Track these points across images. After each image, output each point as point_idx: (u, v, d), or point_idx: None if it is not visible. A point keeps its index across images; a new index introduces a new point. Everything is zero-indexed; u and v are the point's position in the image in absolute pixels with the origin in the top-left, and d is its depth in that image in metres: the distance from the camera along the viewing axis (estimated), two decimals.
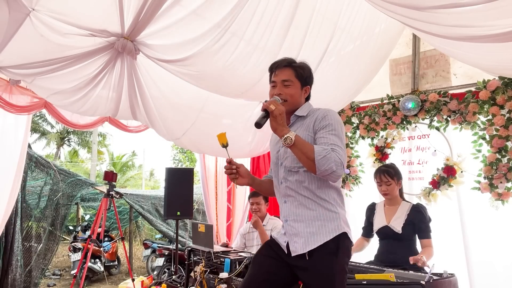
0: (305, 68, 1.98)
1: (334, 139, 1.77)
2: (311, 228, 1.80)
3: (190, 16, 2.62)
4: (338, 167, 1.69)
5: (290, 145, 1.72)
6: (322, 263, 1.75)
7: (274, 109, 1.73)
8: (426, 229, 2.83)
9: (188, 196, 4.61)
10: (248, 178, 1.98)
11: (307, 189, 1.84)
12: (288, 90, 1.91)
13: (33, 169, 5.72)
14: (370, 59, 3.68)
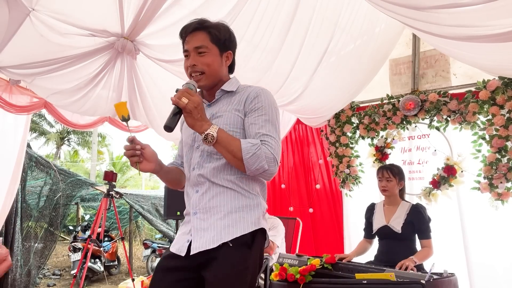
0: (222, 29, 1.60)
1: (267, 127, 1.51)
2: (226, 220, 1.50)
3: (190, 16, 2.61)
4: (271, 164, 1.45)
5: (212, 143, 1.44)
6: (233, 255, 1.47)
7: (186, 103, 1.41)
8: (426, 230, 2.83)
9: None
10: (155, 163, 1.58)
11: (226, 179, 1.54)
12: (204, 59, 1.57)
13: (33, 169, 5.73)
14: (370, 59, 3.69)
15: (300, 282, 2.41)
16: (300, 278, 2.42)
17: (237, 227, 1.50)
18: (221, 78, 1.64)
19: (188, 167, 1.64)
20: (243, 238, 1.49)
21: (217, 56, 1.60)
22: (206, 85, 1.62)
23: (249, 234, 1.51)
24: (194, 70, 1.60)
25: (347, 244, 4.17)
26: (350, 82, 3.81)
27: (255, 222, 1.53)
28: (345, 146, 4.26)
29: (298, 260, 2.77)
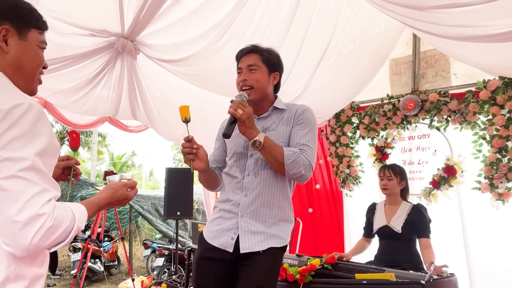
0: (272, 53, 1.87)
1: (306, 138, 1.75)
2: (271, 229, 1.76)
3: (190, 16, 2.62)
4: (307, 169, 1.70)
5: (259, 149, 1.69)
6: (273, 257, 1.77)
7: (241, 114, 1.64)
8: (426, 229, 2.82)
9: (188, 196, 4.61)
10: (206, 163, 1.78)
11: (275, 188, 1.78)
12: (254, 75, 1.80)
13: None
14: (370, 59, 3.69)
15: (300, 282, 2.41)
16: (300, 278, 2.42)
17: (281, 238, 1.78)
18: (267, 95, 1.86)
19: (241, 171, 1.83)
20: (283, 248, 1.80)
21: (265, 74, 1.83)
22: (254, 99, 1.82)
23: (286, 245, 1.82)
24: (245, 84, 1.82)
25: (347, 244, 4.17)
26: (350, 82, 3.81)
27: (289, 235, 1.83)
28: (345, 146, 4.26)
29: (298, 260, 2.77)
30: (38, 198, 0.95)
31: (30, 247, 0.95)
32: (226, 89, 3.41)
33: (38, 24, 1.18)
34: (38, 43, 1.18)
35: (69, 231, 1.02)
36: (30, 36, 1.16)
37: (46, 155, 1.00)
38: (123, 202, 1.31)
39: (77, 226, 1.05)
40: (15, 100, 0.98)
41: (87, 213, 1.13)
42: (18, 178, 0.94)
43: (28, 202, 0.94)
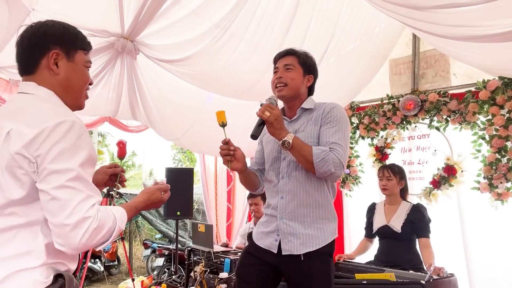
0: (309, 57, 1.94)
1: (336, 136, 1.75)
2: (310, 230, 1.77)
3: (190, 16, 2.62)
4: (337, 168, 1.69)
5: (288, 148, 1.72)
6: (320, 263, 1.75)
7: (269, 115, 1.71)
8: (425, 228, 2.82)
9: (188, 196, 4.61)
10: (243, 164, 1.87)
11: (310, 187, 1.80)
12: (289, 74, 1.86)
13: None
14: (370, 59, 3.69)
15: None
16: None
17: (320, 238, 1.76)
18: (300, 95, 1.90)
19: (276, 175, 1.89)
20: (326, 248, 1.76)
21: (300, 75, 1.89)
22: (286, 95, 1.87)
23: (330, 244, 1.78)
24: (280, 81, 1.87)
25: (347, 244, 4.17)
26: (350, 82, 3.81)
27: (333, 232, 1.80)
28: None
29: None
30: (84, 204, 1.09)
31: (80, 246, 1.09)
32: (226, 89, 3.41)
33: (83, 45, 1.32)
34: (84, 63, 1.32)
35: (112, 231, 1.15)
36: (77, 57, 1.29)
37: (87, 166, 1.14)
38: (157, 205, 1.44)
39: (118, 227, 1.18)
40: (59, 118, 1.11)
41: (126, 216, 1.26)
42: (66, 188, 1.08)
43: (76, 207, 1.08)
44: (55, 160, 1.07)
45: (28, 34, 1.28)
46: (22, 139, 1.07)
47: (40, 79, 1.26)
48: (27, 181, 1.09)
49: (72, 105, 1.30)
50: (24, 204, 1.11)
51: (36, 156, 1.07)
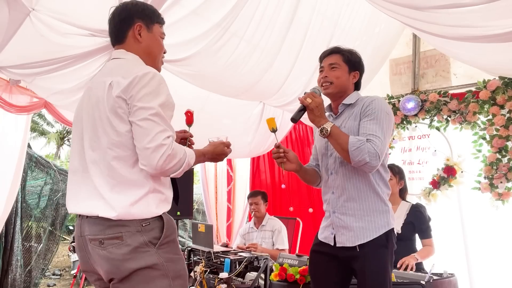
0: (354, 53, 1.96)
1: (374, 128, 1.74)
2: (361, 222, 1.80)
3: (190, 16, 2.62)
4: (372, 158, 1.68)
5: (326, 136, 1.75)
6: (374, 255, 1.77)
7: (310, 102, 1.75)
8: (427, 229, 2.83)
9: (188, 196, 4.60)
10: (296, 164, 1.94)
11: (358, 181, 1.83)
12: (334, 73, 1.89)
13: (33, 169, 5.72)
14: (370, 59, 3.68)
15: (300, 282, 2.41)
16: (300, 278, 2.42)
17: (371, 230, 1.79)
18: (346, 91, 1.92)
19: (326, 171, 1.95)
20: (379, 240, 1.78)
21: (346, 72, 1.91)
22: (332, 93, 1.90)
23: (383, 235, 1.79)
24: (325, 80, 1.90)
25: None
26: None
27: (384, 225, 1.81)
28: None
29: (298, 260, 2.77)
30: (161, 134, 1.37)
31: (157, 167, 1.36)
32: (226, 89, 3.41)
33: (159, 20, 1.62)
34: (160, 34, 1.62)
35: (182, 162, 1.43)
36: (154, 29, 1.59)
37: (166, 107, 1.43)
38: (221, 157, 1.66)
39: (188, 161, 1.46)
40: (145, 69, 1.44)
41: (195, 156, 1.52)
42: (149, 120, 1.37)
43: (155, 136, 1.36)
44: (141, 100, 1.37)
45: (117, 11, 1.60)
46: (120, 86, 1.39)
47: (128, 46, 1.57)
48: (126, 118, 1.39)
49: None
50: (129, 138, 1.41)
51: (129, 97, 1.38)
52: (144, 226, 1.41)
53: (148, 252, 1.40)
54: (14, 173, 3.97)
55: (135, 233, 1.39)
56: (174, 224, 1.51)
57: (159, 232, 1.43)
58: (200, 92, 3.51)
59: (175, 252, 1.48)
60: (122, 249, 1.38)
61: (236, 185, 5.40)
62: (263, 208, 3.85)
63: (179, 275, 1.45)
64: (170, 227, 1.47)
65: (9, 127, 3.87)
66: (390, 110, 1.85)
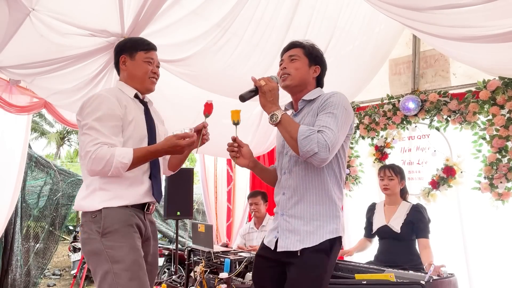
0: (315, 48, 1.90)
1: (328, 121, 1.64)
2: (308, 226, 1.70)
3: (190, 16, 2.62)
4: (321, 149, 1.57)
5: (276, 123, 1.67)
6: (313, 259, 1.68)
7: (263, 84, 1.69)
8: (425, 229, 2.82)
9: (188, 196, 4.60)
10: (250, 160, 1.87)
11: (310, 183, 1.74)
12: (294, 64, 1.82)
13: (33, 169, 5.72)
14: (369, 59, 3.69)
15: None
16: None
17: (318, 235, 1.69)
18: (306, 86, 1.85)
19: (280, 171, 1.86)
20: (322, 245, 1.68)
21: (305, 65, 1.84)
22: (290, 85, 1.82)
23: (327, 242, 1.69)
24: (284, 72, 1.83)
25: (346, 244, 4.16)
26: (350, 82, 3.81)
27: (333, 231, 1.71)
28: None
29: None
30: (90, 143, 1.65)
31: (90, 170, 1.66)
32: (226, 89, 3.41)
33: (142, 47, 1.90)
34: (144, 59, 1.90)
35: (111, 163, 1.63)
36: (137, 56, 1.89)
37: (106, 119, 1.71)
38: (175, 149, 1.73)
39: (118, 160, 1.64)
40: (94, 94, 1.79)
41: (132, 153, 1.68)
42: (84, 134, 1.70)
43: (86, 145, 1.66)
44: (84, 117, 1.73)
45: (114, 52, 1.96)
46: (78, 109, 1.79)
47: (120, 76, 1.94)
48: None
49: (141, 88, 1.93)
50: None
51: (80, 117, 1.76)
52: (93, 218, 1.71)
53: (95, 239, 1.69)
54: (17, 174, 3.97)
55: (89, 223, 1.72)
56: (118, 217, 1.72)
57: (103, 223, 1.69)
58: (200, 92, 3.51)
59: (117, 240, 1.69)
60: (83, 234, 1.75)
61: (236, 185, 5.41)
62: (263, 208, 3.85)
63: (119, 260, 1.65)
64: (111, 219, 1.70)
65: (9, 127, 3.87)
66: (349, 106, 1.77)
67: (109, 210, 1.71)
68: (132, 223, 1.74)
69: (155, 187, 1.86)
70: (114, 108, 1.73)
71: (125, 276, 1.64)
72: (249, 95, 1.73)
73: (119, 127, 1.74)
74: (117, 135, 1.73)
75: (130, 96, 1.88)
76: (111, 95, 1.78)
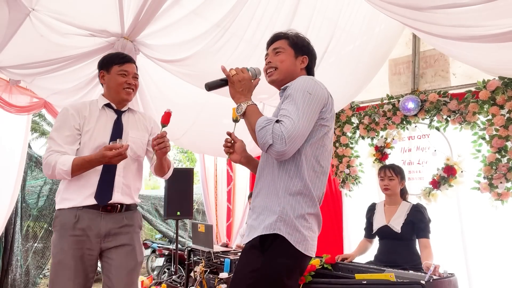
0: (300, 37, 1.78)
1: (289, 109, 1.49)
2: (255, 221, 1.60)
3: (190, 16, 2.63)
4: (276, 140, 1.43)
5: (242, 114, 1.60)
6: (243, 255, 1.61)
7: (233, 74, 1.62)
8: (425, 229, 2.82)
9: (188, 196, 4.61)
10: (242, 156, 1.84)
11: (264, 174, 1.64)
12: (278, 57, 1.71)
13: (33, 169, 5.72)
14: (370, 59, 3.69)
15: (300, 282, 2.41)
16: (300, 278, 2.42)
17: (257, 230, 1.57)
18: (294, 78, 1.69)
19: None
20: (255, 241, 1.56)
21: (291, 56, 1.73)
22: (277, 80, 1.72)
23: (262, 237, 1.54)
24: (269, 66, 1.74)
25: (346, 244, 4.17)
26: (350, 82, 3.81)
27: (270, 227, 1.52)
28: (345, 146, 4.26)
29: None
30: (45, 151, 1.94)
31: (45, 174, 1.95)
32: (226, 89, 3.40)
33: (116, 61, 2.06)
34: (118, 72, 2.05)
35: (54, 169, 1.88)
36: (112, 70, 2.06)
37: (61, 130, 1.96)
38: (104, 159, 1.86)
39: (59, 167, 1.88)
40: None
41: (71, 161, 1.88)
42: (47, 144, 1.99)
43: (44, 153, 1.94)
44: None
45: None
46: None
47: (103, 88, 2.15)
48: None
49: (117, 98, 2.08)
50: None
51: None
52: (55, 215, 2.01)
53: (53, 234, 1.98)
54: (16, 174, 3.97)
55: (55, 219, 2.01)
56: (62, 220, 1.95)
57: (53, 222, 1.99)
58: (200, 92, 3.51)
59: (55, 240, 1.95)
60: None
61: (236, 185, 5.41)
62: None
63: (52, 256, 1.95)
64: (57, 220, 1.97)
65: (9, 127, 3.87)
66: (315, 88, 1.57)
67: (60, 211, 1.97)
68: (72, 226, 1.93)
69: (101, 190, 1.98)
70: (70, 119, 1.96)
71: (53, 271, 1.94)
72: (216, 83, 1.66)
73: (73, 137, 1.96)
74: (71, 143, 1.96)
75: (98, 107, 2.06)
76: (72, 108, 2.01)
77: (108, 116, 2.07)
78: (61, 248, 1.91)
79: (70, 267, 1.91)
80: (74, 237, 1.93)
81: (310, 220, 1.57)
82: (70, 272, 1.90)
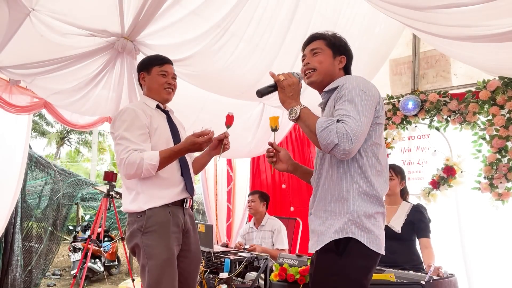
0: (337, 37, 1.77)
1: (347, 108, 1.49)
2: (323, 227, 1.59)
3: (190, 16, 2.63)
4: (342, 139, 1.42)
5: (295, 119, 1.58)
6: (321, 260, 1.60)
7: (282, 79, 1.61)
8: (426, 229, 2.82)
9: None
10: (288, 164, 1.84)
11: (327, 181, 1.62)
12: (317, 58, 1.70)
13: (33, 169, 5.73)
14: (370, 59, 3.68)
15: (300, 283, 2.41)
16: (300, 279, 2.42)
17: (327, 235, 1.57)
18: (333, 79, 1.72)
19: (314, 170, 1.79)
20: (328, 246, 1.56)
21: (329, 57, 1.73)
22: (316, 81, 1.72)
23: (336, 241, 1.54)
24: (308, 67, 1.73)
25: None
26: None
27: (341, 231, 1.54)
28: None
29: (298, 260, 2.77)
30: (122, 151, 1.89)
31: (125, 174, 1.91)
32: (226, 89, 3.41)
33: (156, 62, 2.13)
34: (158, 72, 2.12)
35: (141, 166, 1.86)
36: (153, 71, 2.13)
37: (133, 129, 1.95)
38: (194, 147, 1.92)
39: (148, 163, 1.87)
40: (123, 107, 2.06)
41: (158, 155, 1.89)
42: (117, 144, 1.95)
43: (120, 154, 1.90)
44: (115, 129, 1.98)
45: None
46: None
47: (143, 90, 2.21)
48: None
49: (159, 98, 2.14)
50: None
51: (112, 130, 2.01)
52: (138, 218, 1.94)
53: (137, 236, 1.93)
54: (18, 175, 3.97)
55: (133, 222, 1.96)
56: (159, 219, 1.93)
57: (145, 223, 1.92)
58: (200, 92, 3.51)
59: (154, 240, 1.91)
60: (128, 231, 1.98)
61: (236, 185, 5.41)
62: (257, 206, 3.85)
63: (153, 258, 1.89)
64: (152, 221, 1.92)
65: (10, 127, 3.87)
66: (368, 87, 1.61)
67: (152, 211, 1.94)
68: (170, 223, 1.95)
69: (188, 184, 2.07)
70: (140, 118, 1.98)
71: (156, 272, 1.88)
72: (267, 90, 1.66)
73: (146, 135, 1.99)
74: (145, 141, 1.97)
75: (152, 107, 2.12)
76: (137, 108, 2.03)
77: (161, 115, 2.14)
78: (166, 246, 1.91)
79: (175, 265, 1.94)
80: (174, 234, 1.96)
81: (378, 218, 1.59)
82: (175, 271, 1.93)
